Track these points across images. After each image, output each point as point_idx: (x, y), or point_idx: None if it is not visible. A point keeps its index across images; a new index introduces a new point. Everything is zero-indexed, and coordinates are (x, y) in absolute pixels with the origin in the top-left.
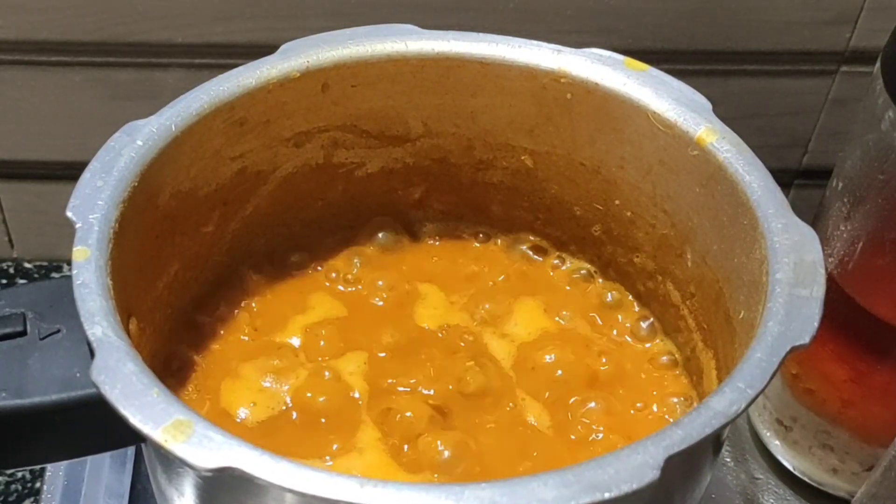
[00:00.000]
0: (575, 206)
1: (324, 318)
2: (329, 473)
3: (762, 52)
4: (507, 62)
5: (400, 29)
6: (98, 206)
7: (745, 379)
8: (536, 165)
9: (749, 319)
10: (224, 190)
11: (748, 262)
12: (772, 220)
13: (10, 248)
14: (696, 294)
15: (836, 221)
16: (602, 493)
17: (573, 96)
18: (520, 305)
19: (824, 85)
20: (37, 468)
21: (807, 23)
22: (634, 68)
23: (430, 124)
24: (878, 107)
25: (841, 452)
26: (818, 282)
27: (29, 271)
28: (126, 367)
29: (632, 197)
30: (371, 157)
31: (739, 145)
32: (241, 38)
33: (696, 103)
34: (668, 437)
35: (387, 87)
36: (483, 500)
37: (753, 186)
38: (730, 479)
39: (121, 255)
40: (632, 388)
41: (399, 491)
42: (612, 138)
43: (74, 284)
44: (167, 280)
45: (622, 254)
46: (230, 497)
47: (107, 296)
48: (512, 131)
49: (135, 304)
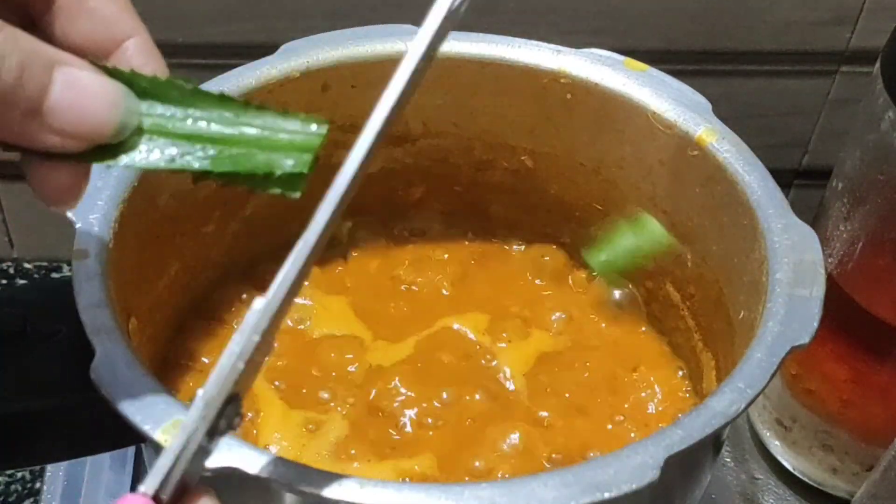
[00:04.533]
0: (575, 207)
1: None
2: (329, 473)
3: (762, 52)
4: (507, 62)
5: (400, 29)
6: (98, 206)
7: (745, 379)
8: (536, 165)
9: (749, 319)
10: (224, 191)
11: (748, 262)
12: (772, 220)
13: (10, 248)
14: (696, 294)
15: (836, 221)
16: (602, 493)
17: (573, 96)
18: (520, 305)
19: (824, 85)
20: (37, 468)
21: (807, 23)
22: (634, 68)
23: (430, 124)
24: (878, 107)
25: (841, 452)
26: (818, 282)
27: (29, 271)
28: (126, 367)
29: (632, 197)
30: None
31: (739, 145)
32: (241, 38)
33: (696, 103)
34: (668, 437)
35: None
36: (483, 500)
37: (753, 186)
38: (730, 479)
39: (121, 255)
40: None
41: (399, 491)
42: (612, 138)
43: (74, 284)
44: (167, 280)
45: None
46: (230, 497)
47: (107, 296)
48: (512, 131)
49: (135, 304)
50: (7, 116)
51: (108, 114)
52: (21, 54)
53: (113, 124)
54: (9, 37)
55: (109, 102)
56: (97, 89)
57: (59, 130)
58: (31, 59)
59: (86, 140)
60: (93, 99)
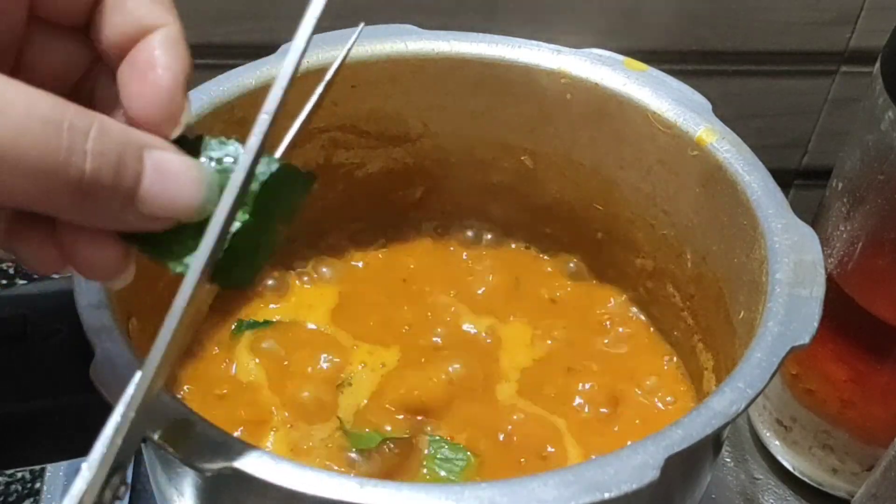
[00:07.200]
0: (575, 207)
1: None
2: (329, 473)
3: (762, 52)
4: (507, 62)
5: (400, 29)
6: None
7: (745, 379)
8: (536, 165)
9: (749, 319)
10: None
11: (748, 262)
12: (772, 220)
13: None
14: (696, 294)
15: (836, 221)
16: (602, 493)
17: (573, 96)
18: (519, 306)
19: (824, 85)
20: (37, 468)
21: (807, 23)
22: (634, 68)
23: (430, 124)
24: (878, 107)
25: (841, 452)
26: (818, 282)
27: (29, 271)
28: (126, 367)
29: (632, 197)
30: (371, 157)
31: (739, 145)
32: (241, 38)
33: (696, 103)
34: (668, 437)
35: (387, 87)
36: (483, 500)
37: (753, 186)
38: (730, 479)
39: None
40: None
41: (399, 491)
42: (612, 138)
43: (74, 285)
44: (167, 280)
45: (622, 254)
46: (230, 497)
47: (107, 296)
48: (512, 131)
49: (135, 304)
50: (106, 209)
51: (197, 194)
52: (117, 147)
53: (199, 202)
54: (103, 130)
55: (196, 181)
56: (183, 170)
57: (151, 216)
58: (125, 150)
59: (172, 221)
60: (181, 181)
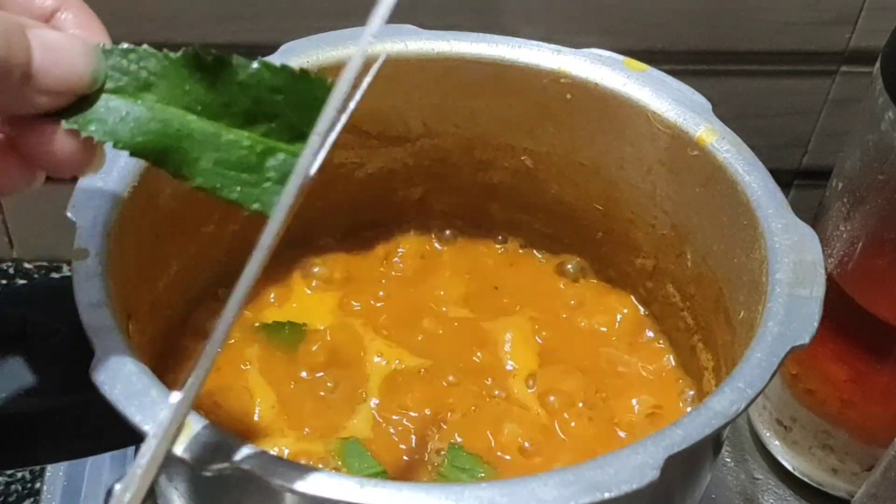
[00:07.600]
0: (575, 207)
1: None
2: (329, 473)
3: (762, 52)
4: (507, 62)
5: (400, 29)
6: (98, 205)
7: (745, 379)
8: (536, 165)
9: (749, 319)
10: None
11: (748, 262)
12: (772, 220)
13: (10, 248)
14: (696, 294)
15: (836, 221)
16: (602, 493)
17: (573, 96)
18: (519, 306)
19: (824, 85)
20: (37, 468)
21: (807, 23)
22: (634, 68)
23: (430, 124)
24: (878, 107)
25: (841, 452)
26: (818, 282)
27: (29, 271)
28: (126, 367)
29: (632, 197)
30: (371, 157)
31: (739, 145)
32: (241, 38)
33: (696, 103)
34: (668, 437)
35: (387, 87)
36: (483, 500)
37: (753, 186)
38: (730, 479)
39: (121, 256)
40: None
41: (399, 491)
42: (612, 138)
43: (74, 285)
44: (167, 280)
45: (622, 254)
46: (230, 497)
47: (107, 296)
48: (512, 131)
49: (135, 304)
50: (8, 88)
51: (86, 64)
52: (1, 24)
53: (90, 72)
54: None
55: (83, 52)
56: (67, 44)
57: (48, 89)
58: (8, 28)
59: (70, 94)
60: (69, 52)
